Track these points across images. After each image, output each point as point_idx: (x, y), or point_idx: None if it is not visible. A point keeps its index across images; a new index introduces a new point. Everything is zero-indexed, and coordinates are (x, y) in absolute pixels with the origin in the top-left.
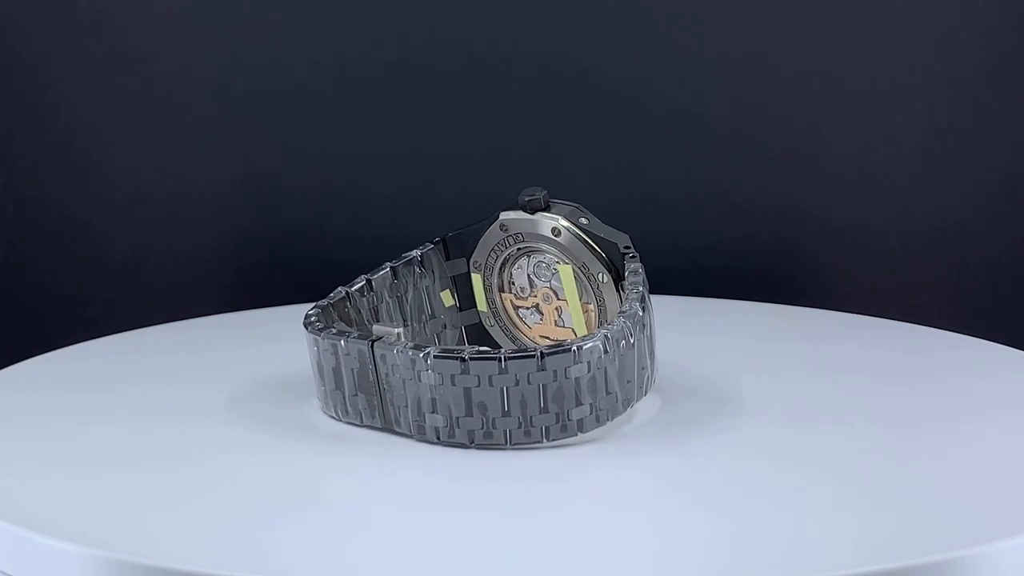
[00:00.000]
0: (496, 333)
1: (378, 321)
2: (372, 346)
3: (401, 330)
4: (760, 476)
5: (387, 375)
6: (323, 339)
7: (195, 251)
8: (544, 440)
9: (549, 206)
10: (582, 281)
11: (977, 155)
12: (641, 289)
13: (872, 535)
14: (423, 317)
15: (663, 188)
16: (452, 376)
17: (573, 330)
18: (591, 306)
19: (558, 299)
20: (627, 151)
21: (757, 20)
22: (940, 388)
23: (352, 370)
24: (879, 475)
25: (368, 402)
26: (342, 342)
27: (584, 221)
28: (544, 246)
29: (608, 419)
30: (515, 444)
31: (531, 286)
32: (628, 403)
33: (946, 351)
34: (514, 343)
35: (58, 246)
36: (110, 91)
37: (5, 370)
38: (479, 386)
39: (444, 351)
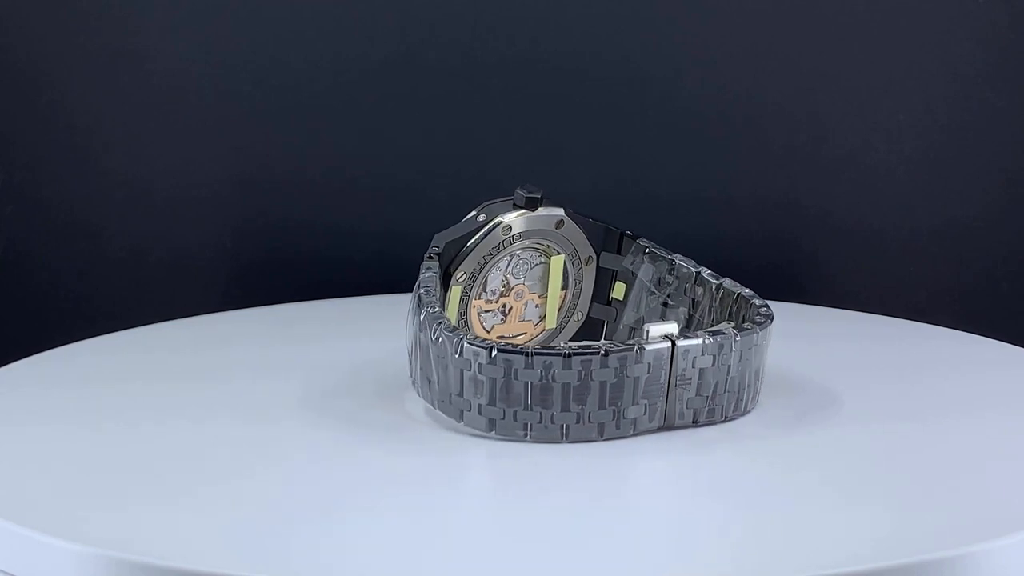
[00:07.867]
0: None
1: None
2: (674, 346)
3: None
4: (763, 473)
5: (684, 371)
6: (611, 356)
7: (194, 248)
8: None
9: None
10: (568, 269)
11: (977, 152)
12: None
13: (874, 532)
14: None
15: (662, 184)
16: (751, 350)
17: (532, 323)
18: (565, 292)
19: (529, 293)
20: (627, 147)
21: (758, 16)
22: (944, 385)
23: (636, 379)
24: (881, 473)
25: (650, 407)
26: (634, 351)
27: (570, 209)
28: (536, 241)
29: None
30: (748, 410)
31: (502, 286)
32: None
33: (950, 348)
34: None
35: (57, 244)
36: (109, 89)
37: (4, 368)
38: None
39: (739, 328)
